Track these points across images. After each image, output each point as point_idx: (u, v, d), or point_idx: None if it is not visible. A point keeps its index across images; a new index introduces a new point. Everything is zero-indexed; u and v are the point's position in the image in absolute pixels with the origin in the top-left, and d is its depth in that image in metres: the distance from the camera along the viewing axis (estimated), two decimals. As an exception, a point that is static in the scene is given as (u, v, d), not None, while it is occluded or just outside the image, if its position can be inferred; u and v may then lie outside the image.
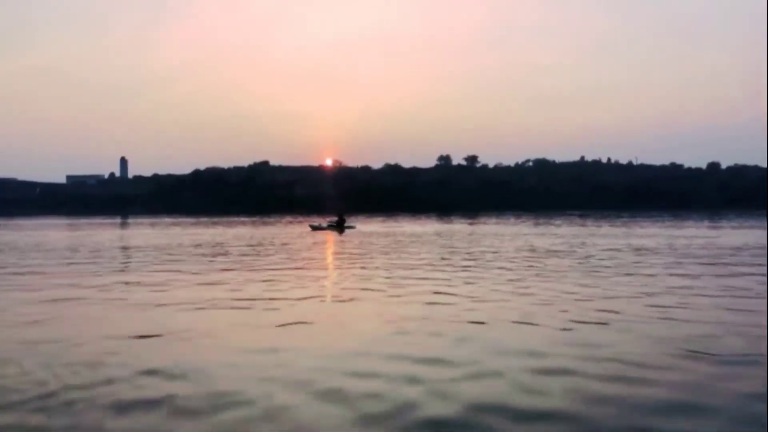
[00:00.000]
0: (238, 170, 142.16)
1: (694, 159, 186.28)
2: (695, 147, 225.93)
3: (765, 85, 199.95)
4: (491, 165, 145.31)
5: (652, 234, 29.78)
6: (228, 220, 60.99)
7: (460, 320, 8.11)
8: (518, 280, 12.45)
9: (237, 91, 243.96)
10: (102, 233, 37.23)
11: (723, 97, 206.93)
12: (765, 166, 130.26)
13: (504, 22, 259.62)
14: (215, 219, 66.84)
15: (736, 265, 15.21)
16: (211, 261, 17.30)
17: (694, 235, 28.86)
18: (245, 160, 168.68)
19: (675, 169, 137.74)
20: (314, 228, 36.44)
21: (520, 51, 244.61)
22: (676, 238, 26.56)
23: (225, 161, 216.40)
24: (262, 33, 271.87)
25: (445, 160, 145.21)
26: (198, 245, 24.18)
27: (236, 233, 34.35)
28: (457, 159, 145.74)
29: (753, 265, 15.17)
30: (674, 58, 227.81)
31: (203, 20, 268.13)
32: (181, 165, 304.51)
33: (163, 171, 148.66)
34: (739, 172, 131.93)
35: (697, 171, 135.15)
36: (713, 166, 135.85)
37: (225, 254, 19.49)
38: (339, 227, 36.46)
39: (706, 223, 44.03)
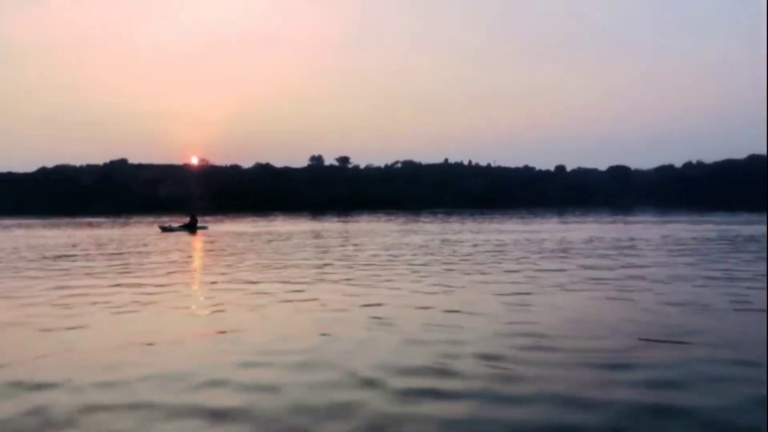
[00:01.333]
0: (92, 169, 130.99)
1: (544, 162, 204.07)
2: (545, 151, 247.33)
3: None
4: (362, 166, 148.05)
5: (509, 230, 32.39)
6: (80, 221, 56.11)
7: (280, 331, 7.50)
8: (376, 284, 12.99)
9: (92, 82, 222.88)
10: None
11: (567, 107, 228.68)
12: (603, 169, 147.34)
13: (376, 25, 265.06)
14: (66, 220, 61.13)
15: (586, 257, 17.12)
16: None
17: (549, 230, 31.88)
18: (101, 158, 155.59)
19: (528, 171, 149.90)
20: (164, 229, 34.67)
21: (390, 54, 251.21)
22: (531, 233, 29.16)
23: (77, 159, 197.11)
24: (125, 22, 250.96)
25: (317, 160, 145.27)
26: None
27: (79, 235, 31.58)
28: (330, 159, 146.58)
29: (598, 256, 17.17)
30: (526, 68, 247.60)
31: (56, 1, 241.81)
32: (25, 162, 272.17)
33: (2, 169, 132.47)
34: (581, 174, 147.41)
35: (547, 173, 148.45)
36: (560, 169, 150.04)
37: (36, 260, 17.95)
38: (191, 228, 35.19)
39: (555, 219, 48.71)
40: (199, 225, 36.03)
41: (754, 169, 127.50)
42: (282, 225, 41.98)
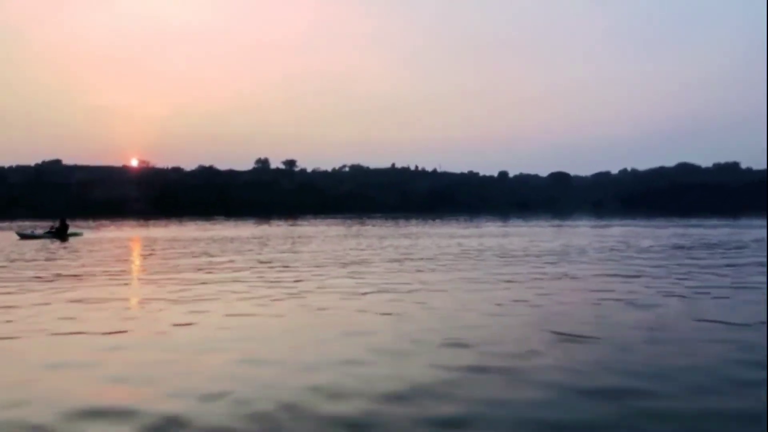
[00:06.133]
0: (22, 169, 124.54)
1: (488, 168, 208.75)
2: (489, 156, 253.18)
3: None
4: (309, 169, 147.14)
5: (454, 235, 32.81)
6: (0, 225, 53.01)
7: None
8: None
9: (21, 75, 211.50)
10: None
11: (513, 114, 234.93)
12: (544, 175, 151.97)
13: (326, 30, 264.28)
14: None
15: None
16: None
17: (490, 234, 32.51)
18: (32, 159, 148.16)
19: (472, 176, 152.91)
20: (23, 236, 30.34)
21: (339, 59, 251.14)
22: (480, 237, 29.67)
23: (6, 159, 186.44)
24: (57, 9, 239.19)
25: (263, 163, 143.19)
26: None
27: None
28: (276, 163, 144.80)
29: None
30: (471, 74, 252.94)
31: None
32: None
33: None
34: (523, 180, 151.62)
35: (490, 178, 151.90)
36: (503, 174, 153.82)
37: None
38: (60, 235, 31.05)
39: (499, 224, 49.81)
40: (71, 231, 32.22)
41: (683, 175, 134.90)
42: (222, 230, 40.50)
